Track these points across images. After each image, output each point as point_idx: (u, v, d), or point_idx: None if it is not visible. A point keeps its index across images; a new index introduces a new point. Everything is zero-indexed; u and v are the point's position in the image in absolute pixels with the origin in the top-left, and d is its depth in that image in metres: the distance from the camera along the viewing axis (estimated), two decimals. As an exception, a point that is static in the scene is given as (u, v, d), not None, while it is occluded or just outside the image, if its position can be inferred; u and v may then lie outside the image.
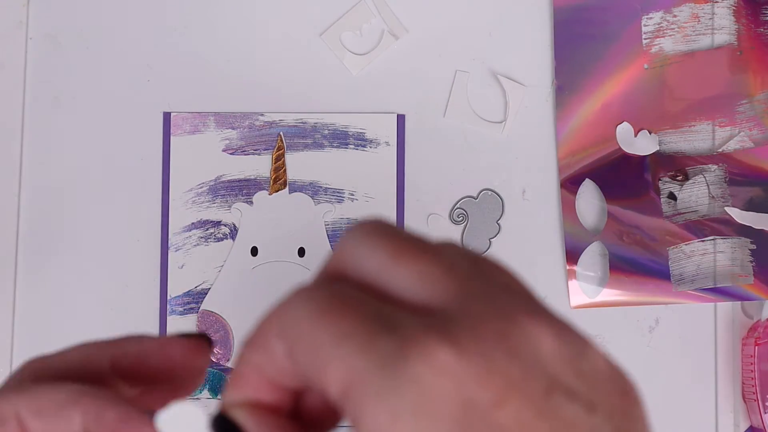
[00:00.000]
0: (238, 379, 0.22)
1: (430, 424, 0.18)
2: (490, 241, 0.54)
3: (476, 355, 0.18)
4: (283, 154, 0.54)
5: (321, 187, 0.54)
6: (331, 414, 0.21)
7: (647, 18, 0.55)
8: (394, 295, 0.20)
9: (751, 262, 0.54)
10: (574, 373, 0.19)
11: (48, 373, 0.25)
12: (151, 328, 0.53)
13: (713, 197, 0.54)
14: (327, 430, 0.22)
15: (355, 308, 0.19)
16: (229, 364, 0.52)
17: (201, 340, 0.26)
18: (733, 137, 0.55)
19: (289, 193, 0.54)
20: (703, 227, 0.54)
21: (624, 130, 0.54)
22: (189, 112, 0.54)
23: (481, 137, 0.55)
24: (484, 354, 0.18)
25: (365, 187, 0.54)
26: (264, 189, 0.54)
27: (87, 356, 0.25)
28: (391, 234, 0.21)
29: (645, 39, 0.55)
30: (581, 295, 0.54)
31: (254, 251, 0.53)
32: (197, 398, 0.52)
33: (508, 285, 0.21)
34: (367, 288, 0.20)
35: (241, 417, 0.21)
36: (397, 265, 0.20)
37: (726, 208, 0.54)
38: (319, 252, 0.53)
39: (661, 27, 0.55)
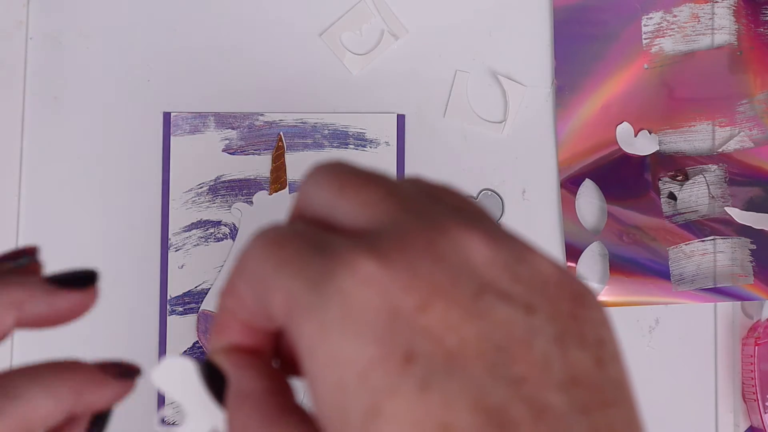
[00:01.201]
0: (218, 327, 0.23)
1: (357, 333, 0.18)
2: (490, 241, 0.54)
3: (401, 264, 0.18)
4: (282, 154, 0.54)
5: (321, 187, 0.54)
6: None
7: (647, 18, 0.55)
8: (339, 225, 0.20)
9: (751, 262, 0.54)
10: (510, 277, 0.19)
11: None
12: (151, 328, 0.53)
13: (713, 197, 0.54)
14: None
15: (295, 239, 0.20)
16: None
17: (93, 288, 0.28)
18: (733, 137, 0.55)
19: (289, 193, 0.54)
20: (703, 227, 0.54)
21: (624, 130, 0.54)
22: (189, 112, 0.54)
23: (481, 137, 0.55)
24: (409, 263, 0.18)
25: (365, 187, 0.54)
26: (264, 189, 0.54)
27: None
28: (341, 171, 0.21)
29: (645, 39, 0.55)
30: (581, 295, 0.54)
31: (254, 251, 0.53)
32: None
33: (457, 206, 0.21)
34: (318, 223, 0.21)
35: (221, 361, 0.22)
36: (342, 197, 0.20)
37: (726, 208, 0.54)
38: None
39: (661, 27, 0.55)
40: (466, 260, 0.19)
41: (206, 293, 0.53)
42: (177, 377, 0.25)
